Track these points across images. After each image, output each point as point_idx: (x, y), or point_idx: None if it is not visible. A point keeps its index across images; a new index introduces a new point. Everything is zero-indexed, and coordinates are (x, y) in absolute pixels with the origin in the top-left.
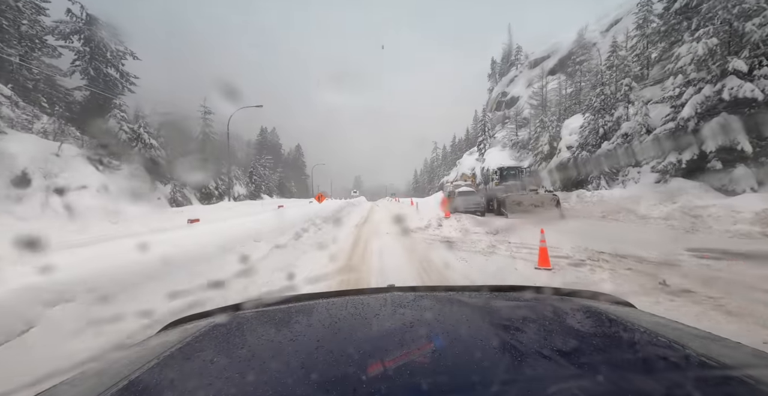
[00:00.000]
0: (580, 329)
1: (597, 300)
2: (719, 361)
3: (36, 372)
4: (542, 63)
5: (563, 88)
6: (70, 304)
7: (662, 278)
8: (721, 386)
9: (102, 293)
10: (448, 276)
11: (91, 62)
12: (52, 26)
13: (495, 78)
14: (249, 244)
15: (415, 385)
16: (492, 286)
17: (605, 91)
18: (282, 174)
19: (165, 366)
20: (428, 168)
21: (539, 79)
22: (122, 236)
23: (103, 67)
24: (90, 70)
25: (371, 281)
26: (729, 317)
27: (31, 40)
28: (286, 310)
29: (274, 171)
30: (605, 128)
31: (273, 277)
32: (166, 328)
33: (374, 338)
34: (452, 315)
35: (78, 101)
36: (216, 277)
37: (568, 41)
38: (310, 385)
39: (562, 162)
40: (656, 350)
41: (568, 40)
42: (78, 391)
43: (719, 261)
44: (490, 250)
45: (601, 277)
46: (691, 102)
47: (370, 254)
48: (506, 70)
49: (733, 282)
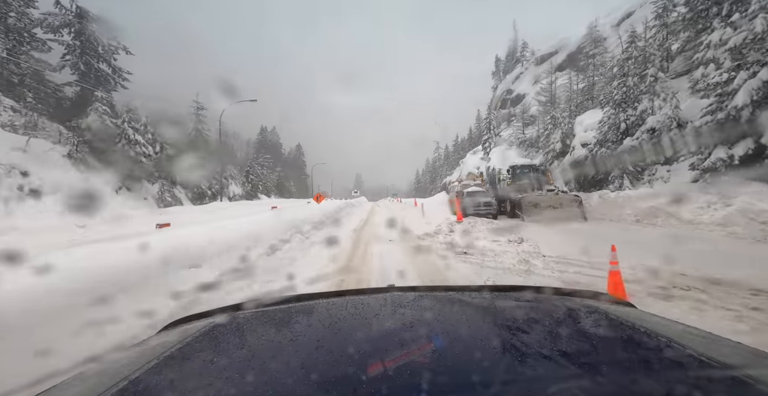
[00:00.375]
0: (580, 329)
1: (597, 300)
2: (719, 361)
3: None
4: (550, 59)
5: (574, 83)
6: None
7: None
8: (721, 386)
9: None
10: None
11: (81, 57)
12: (41, 18)
13: (499, 76)
14: (183, 273)
15: (415, 385)
16: (492, 286)
17: (627, 82)
18: (281, 173)
19: (165, 366)
20: (430, 168)
21: (547, 76)
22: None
23: (94, 62)
24: (80, 64)
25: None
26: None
27: (19, 33)
28: (286, 310)
29: (273, 170)
30: (627, 123)
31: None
32: (166, 328)
33: (374, 338)
34: (452, 315)
35: (68, 97)
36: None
37: (576, 36)
38: (310, 385)
39: (578, 160)
40: (657, 350)
41: (576, 36)
42: (78, 391)
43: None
44: (524, 268)
45: (729, 325)
46: (745, 88)
47: (368, 275)
48: (511, 67)
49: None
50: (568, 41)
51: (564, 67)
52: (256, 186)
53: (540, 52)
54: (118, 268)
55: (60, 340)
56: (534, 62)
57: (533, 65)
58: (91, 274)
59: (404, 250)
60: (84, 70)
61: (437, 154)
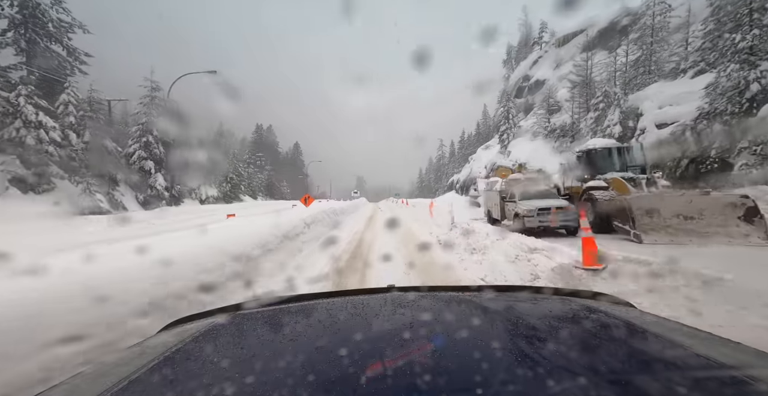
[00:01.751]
0: (580, 329)
1: (597, 300)
2: (719, 361)
3: None
4: (573, 39)
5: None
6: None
7: None
8: (721, 386)
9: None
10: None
11: (25, 34)
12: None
13: (511, 64)
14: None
15: (415, 385)
16: (492, 286)
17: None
18: (272, 173)
19: (165, 366)
20: (434, 166)
21: (580, 52)
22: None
23: (43, 41)
24: (22, 41)
25: None
26: None
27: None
28: (286, 310)
29: (262, 169)
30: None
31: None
32: (166, 328)
33: (374, 338)
34: (452, 315)
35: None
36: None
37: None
38: (310, 385)
39: (665, 141)
40: (656, 350)
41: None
42: (78, 391)
43: None
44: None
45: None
46: None
47: None
48: (525, 53)
49: None
50: (597, 19)
51: (595, 45)
52: (237, 186)
53: (560, 33)
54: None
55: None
56: (555, 44)
57: (554, 47)
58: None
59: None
60: (27, 48)
61: (441, 152)
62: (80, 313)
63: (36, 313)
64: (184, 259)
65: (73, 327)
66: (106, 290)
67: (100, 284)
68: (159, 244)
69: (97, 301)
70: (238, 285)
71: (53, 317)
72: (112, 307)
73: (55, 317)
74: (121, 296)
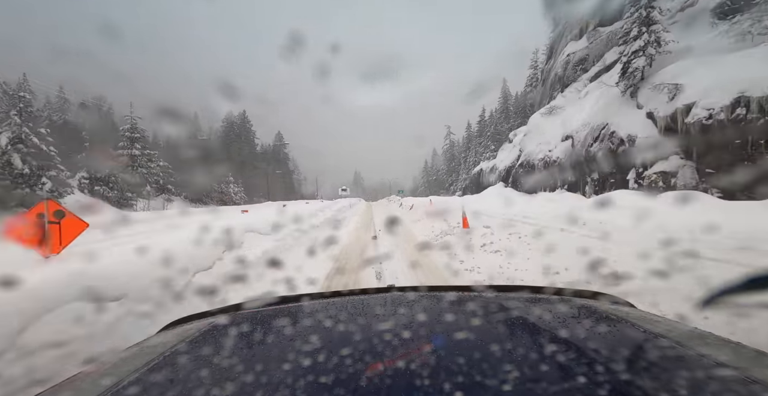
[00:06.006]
0: (580, 329)
1: (597, 300)
2: (719, 361)
3: None
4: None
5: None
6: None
7: None
8: (721, 386)
9: None
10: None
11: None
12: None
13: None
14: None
15: (415, 385)
16: (492, 286)
17: None
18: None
19: (165, 366)
20: (446, 156)
21: None
22: None
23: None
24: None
25: None
26: None
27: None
28: (286, 310)
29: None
30: None
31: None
32: (166, 328)
33: (374, 338)
34: (452, 315)
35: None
36: None
37: None
38: (310, 385)
39: None
40: (657, 350)
41: None
42: (78, 391)
43: None
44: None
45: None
46: None
47: None
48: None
49: None
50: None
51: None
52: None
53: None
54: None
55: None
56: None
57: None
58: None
59: None
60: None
61: (448, 140)
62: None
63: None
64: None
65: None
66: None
67: None
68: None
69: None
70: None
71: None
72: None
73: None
74: None
